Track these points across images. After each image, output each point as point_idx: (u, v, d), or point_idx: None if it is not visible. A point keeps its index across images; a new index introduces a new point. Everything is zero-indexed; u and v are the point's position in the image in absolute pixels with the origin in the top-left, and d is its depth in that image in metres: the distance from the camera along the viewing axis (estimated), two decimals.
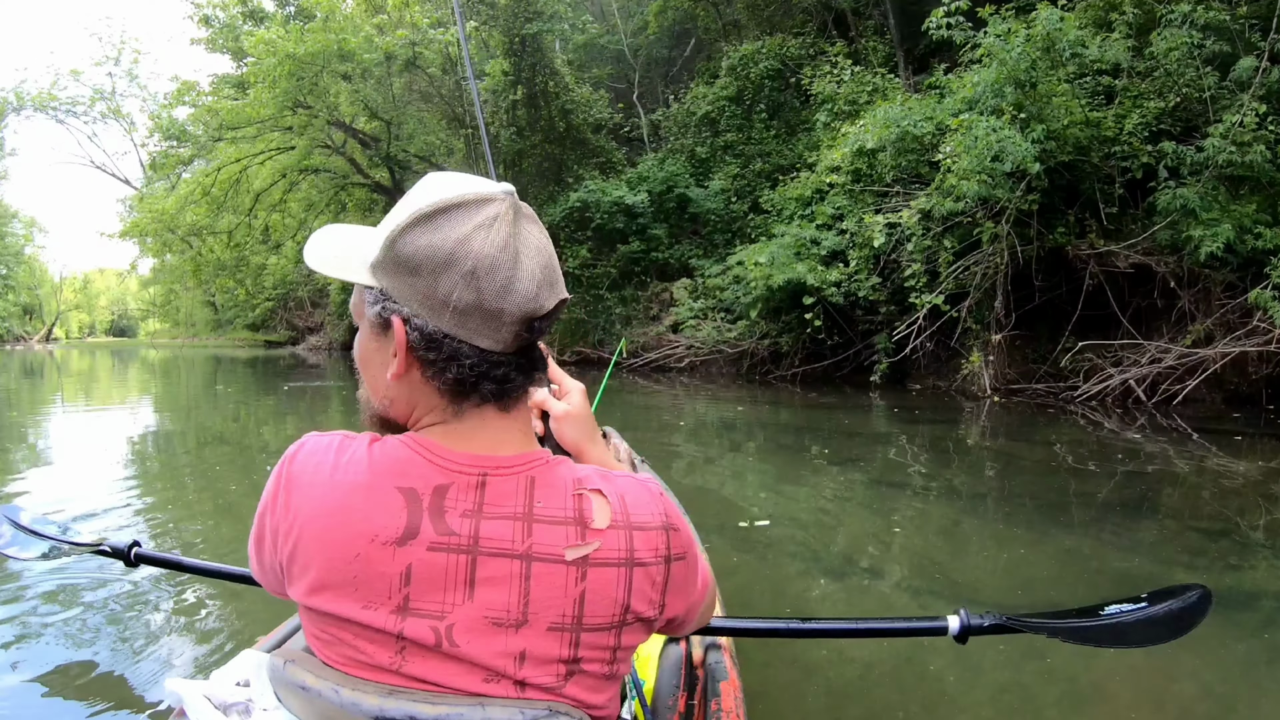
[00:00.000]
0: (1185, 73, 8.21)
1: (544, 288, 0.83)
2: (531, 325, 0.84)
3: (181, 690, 1.15)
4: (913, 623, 1.85)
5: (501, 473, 0.86)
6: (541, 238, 0.86)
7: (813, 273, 9.97)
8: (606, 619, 0.86)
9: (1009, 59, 8.07)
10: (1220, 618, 3.01)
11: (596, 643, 0.86)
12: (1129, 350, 8.30)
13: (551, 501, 0.86)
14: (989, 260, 8.58)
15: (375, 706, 0.83)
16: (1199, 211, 7.62)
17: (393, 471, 0.84)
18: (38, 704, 2.41)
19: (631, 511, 0.88)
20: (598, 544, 0.85)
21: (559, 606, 0.84)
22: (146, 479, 6.05)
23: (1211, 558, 3.71)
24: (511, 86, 16.60)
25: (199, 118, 17.95)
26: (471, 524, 0.83)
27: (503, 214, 0.82)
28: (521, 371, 0.87)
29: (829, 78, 12.65)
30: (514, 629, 0.84)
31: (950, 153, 8.34)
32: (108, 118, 27.09)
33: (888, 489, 5.26)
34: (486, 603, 0.83)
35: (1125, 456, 5.94)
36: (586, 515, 0.86)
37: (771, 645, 2.67)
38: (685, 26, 18.67)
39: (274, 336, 32.10)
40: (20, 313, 55.24)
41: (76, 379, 19.78)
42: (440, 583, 0.82)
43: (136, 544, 2.43)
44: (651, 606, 0.89)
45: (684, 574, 0.92)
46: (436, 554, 0.82)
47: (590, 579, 0.85)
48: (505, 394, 0.87)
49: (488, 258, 0.80)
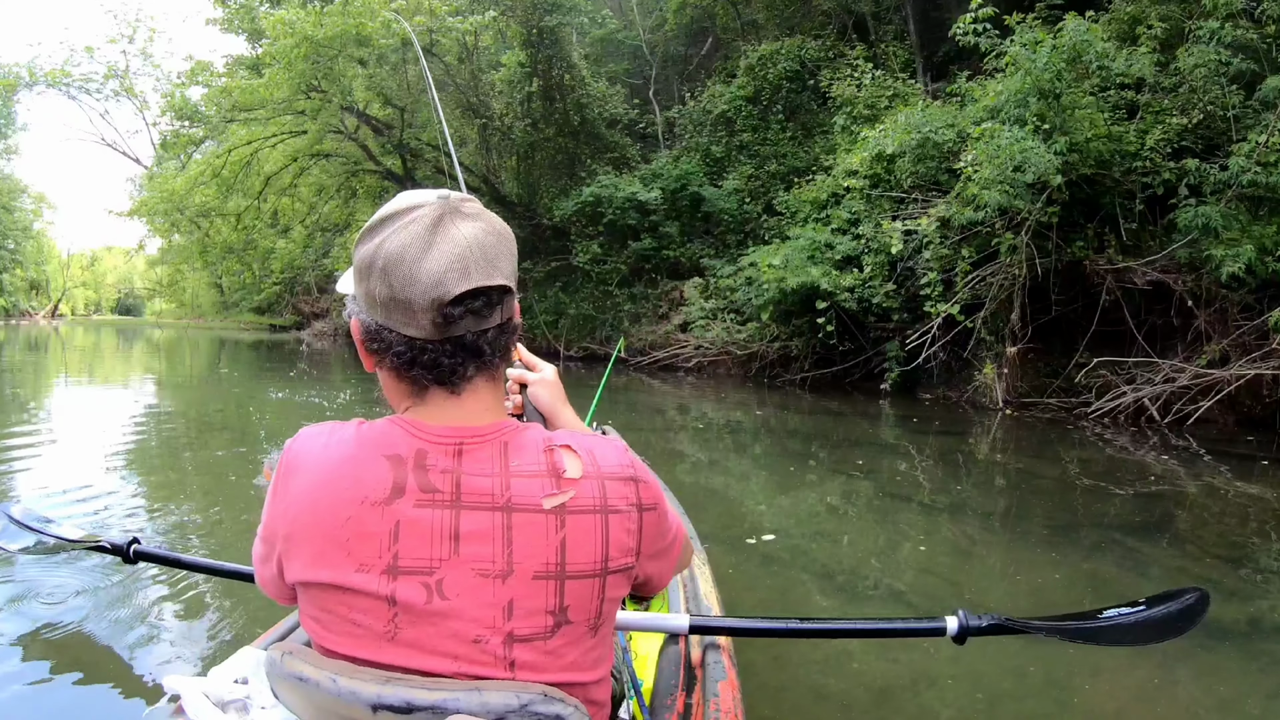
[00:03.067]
0: (1210, 90, 8.11)
1: (452, 275, 0.89)
2: (444, 311, 0.89)
3: (180, 687, 1.15)
4: (911, 623, 1.92)
5: (475, 440, 0.93)
6: (472, 230, 0.91)
7: (827, 277, 9.89)
8: (589, 566, 0.91)
9: (1034, 69, 7.98)
10: (1236, 646, 2.96)
11: (581, 591, 0.91)
12: (1143, 368, 8.21)
13: (525, 459, 0.93)
14: (1006, 271, 8.50)
15: (373, 694, 0.87)
16: (1220, 231, 7.54)
17: (379, 443, 0.93)
18: (36, 701, 2.38)
19: (601, 463, 0.95)
20: (573, 492, 0.92)
21: (542, 555, 0.89)
22: (146, 467, 6.02)
23: (1228, 589, 3.63)
24: (527, 78, 16.52)
25: (212, 98, 17.85)
26: (452, 480, 0.90)
27: (423, 216, 0.91)
28: (453, 356, 0.93)
29: (849, 81, 12.55)
30: (501, 579, 0.89)
31: (972, 161, 8.25)
32: (120, 96, 26.86)
33: (896, 502, 5.20)
34: (473, 556, 0.89)
35: (1137, 476, 5.87)
36: (559, 467, 0.93)
37: (771, 647, 2.67)
38: (703, 25, 18.55)
39: (279, 320, 31.99)
40: (27, 288, 55.30)
41: (80, 356, 19.77)
42: (427, 537, 0.89)
43: (135, 540, 2.40)
44: (628, 554, 0.94)
45: (656, 524, 0.98)
46: (422, 510, 0.89)
47: (569, 526, 0.91)
48: (443, 379, 0.94)
49: (395, 254, 0.90)
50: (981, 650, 2.69)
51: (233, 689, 1.16)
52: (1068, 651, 2.66)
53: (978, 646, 2.53)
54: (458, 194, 0.97)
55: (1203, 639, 2.94)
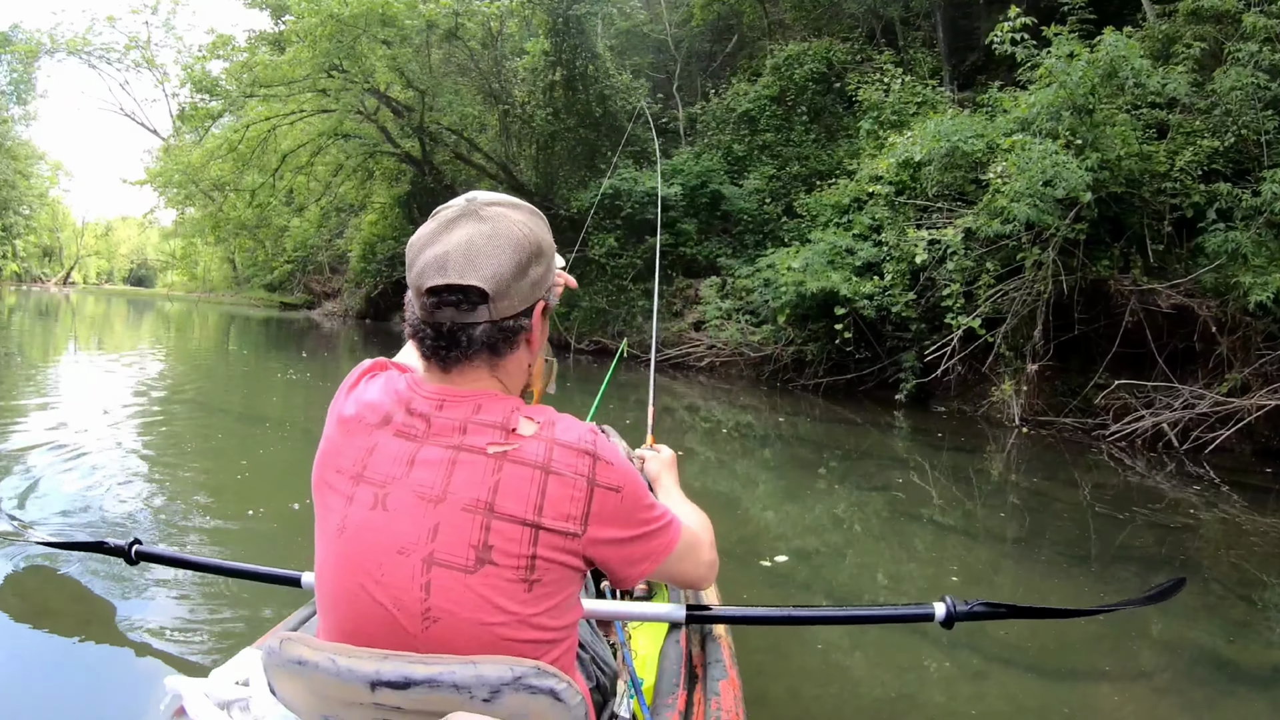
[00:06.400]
0: (1245, 114, 7.98)
1: (430, 268, 1.02)
2: (423, 300, 1.04)
3: (181, 688, 1.19)
4: (901, 610, 2.00)
5: (456, 398, 1.07)
6: (468, 233, 1.03)
7: (847, 283, 9.79)
8: (518, 513, 0.99)
9: (1069, 82, 7.86)
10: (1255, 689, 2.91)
11: (509, 534, 0.99)
12: (1162, 392, 8.10)
13: (489, 415, 1.05)
14: (1030, 287, 8.39)
15: (371, 671, 0.92)
16: (1250, 257, 7.42)
17: (390, 387, 1.11)
18: (36, 703, 2.35)
19: (558, 434, 1.05)
20: (517, 445, 1.03)
21: (474, 491, 1.00)
22: (148, 446, 5.96)
23: (1238, 620, 3.55)
24: (551, 67, 16.43)
25: (233, 73, 17.80)
26: (426, 421, 1.05)
27: (444, 215, 1.07)
28: (436, 340, 1.06)
29: (876, 85, 12.42)
30: (434, 504, 1.00)
31: (1001, 172, 8.14)
32: (140, 67, 26.88)
33: (908, 521, 5.11)
34: (418, 480, 1.02)
35: (1153, 503, 5.78)
36: (512, 424, 1.04)
37: (772, 646, 2.69)
38: (729, 22, 18.43)
39: (290, 299, 31.98)
40: (40, 254, 55.49)
41: (88, 326, 19.79)
42: (391, 459, 1.04)
43: (137, 541, 2.36)
44: (569, 520, 1.01)
45: (615, 507, 1.05)
46: (397, 439, 1.06)
47: (505, 471, 1.01)
48: (431, 354, 1.07)
49: (412, 245, 1.07)
50: (977, 652, 2.77)
51: (234, 690, 1.19)
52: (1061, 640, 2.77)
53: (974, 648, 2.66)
54: (487, 196, 1.09)
55: (1202, 666, 2.97)
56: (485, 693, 0.91)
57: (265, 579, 2.18)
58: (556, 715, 0.93)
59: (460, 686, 0.91)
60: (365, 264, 23.17)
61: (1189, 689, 2.83)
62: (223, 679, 1.21)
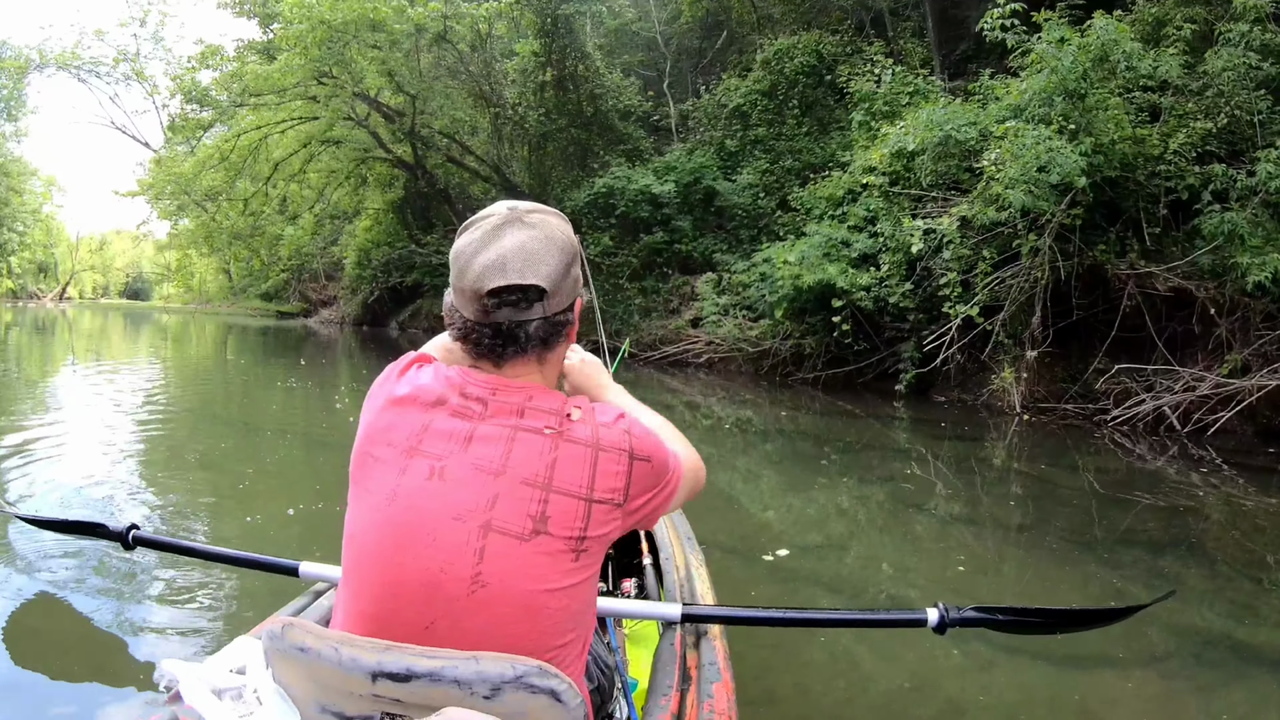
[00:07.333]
0: (1237, 94, 7.96)
1: (490, 271, 1.09)
2: (483, 301, 1.10)
3: (177, 672, 1.19)
4: (894, 614, 2.01)
5: (509, 388, 1.13)
6: (521, 237, 1.11)
7: (843, 275, 9.76)
8: (575, 488, 1.07)
9: (1060, 67, 7.84)
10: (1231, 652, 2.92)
11: (566, 507, 1.06)
12: (1163, 375, 8.08)
13: (543, 403, 1.13)
14: (1027, 274, 8.37)
15: (373, 662, 0.92)
16: (1246, 238, 7.40)
17: (441, 373, 1.17)
18: (32, 685, 2.36)
19: (599, 418, 1.14)
20: (571, 428, 1.11)
21: (534, 466, 1.07)
22: (148, 453, 5.95)
23: (1245, 603, 3.54)
24: (541, 68, 16.40)
25: (223, 82, 17.75)
26: (483, 403, 1.12)
27: (487, 223, 1.13)
28: (493, 339, 1.13)
29: (867, 77, 12.40)
30: (494, 476, 1.06)
31: (995, 160, 8.12)
32: (130, 79, 26.82)
33: (911, 511, 5.09)
34: (477, 454, 1.08)
35: (1156, 486, 5.78)
36: (566, 410, 1.13)
37: (766, 648, 2.68)
38: (719, 18, 18.43)
39: (287, 307, 31.97)
40: (35, 270, 55.39)
41: (87, 342, 19.75)
42: (447, 437, 1.10)
43: (135, 526, 2.34)
44: (615, 493, 1.10)
45: (647, 473, 1.15)
46: (453, 420, 1.11)
47: (562, 449, 1.09)
48: (487, 353, 1.14)
49: (459, 251, 1.13)
50: (974, 657, 2.74)
51: (230, 678, 1.20)
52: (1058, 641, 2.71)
53: (970, 653, 2.68)
54: (525, 205, 1.17)
55: (1213, 650, 2.97)
56: (486, 689, 0.92)
57: (262, 567, 2.15)
58: (555, 716, 0.94)
59: (461, 682, 0.92)
60: (360, 270, 23.13)
61: (1200, 672, 2.81)
62: (219, 666, 1.22)
